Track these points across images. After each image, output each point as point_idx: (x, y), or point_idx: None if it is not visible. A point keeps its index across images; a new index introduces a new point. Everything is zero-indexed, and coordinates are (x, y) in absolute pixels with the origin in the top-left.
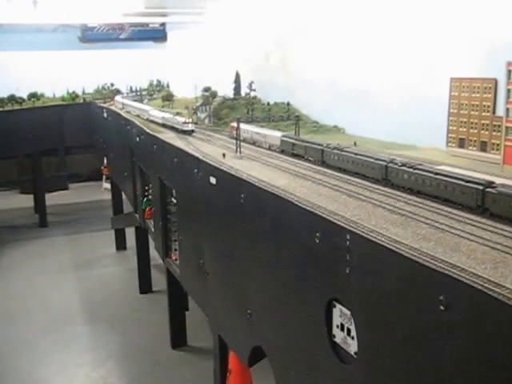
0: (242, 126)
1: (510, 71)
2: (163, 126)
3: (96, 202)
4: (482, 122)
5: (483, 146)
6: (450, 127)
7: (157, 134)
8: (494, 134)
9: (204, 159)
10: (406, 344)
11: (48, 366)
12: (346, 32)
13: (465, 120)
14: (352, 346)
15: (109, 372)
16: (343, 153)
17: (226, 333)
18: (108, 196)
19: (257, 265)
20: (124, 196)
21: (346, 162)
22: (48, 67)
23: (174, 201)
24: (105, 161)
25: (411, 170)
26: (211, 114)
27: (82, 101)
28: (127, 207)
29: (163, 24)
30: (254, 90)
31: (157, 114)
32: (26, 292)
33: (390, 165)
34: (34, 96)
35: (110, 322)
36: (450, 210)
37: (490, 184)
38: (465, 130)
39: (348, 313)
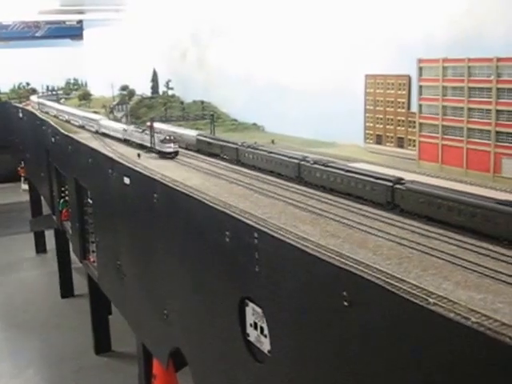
0: (158, 125)
1: (420, 68)
2: (125, 142)
3: (14, 204)
4: (398, 118)
5: (400, 142)
6: (367, 124)
7: (71, 135)
8: (410, 129)
9: (118, 159)
10: (314, 340)
11: None
12: (264, 29)
13: (381, 116)
14: (265, 345)
15: (28, 381)
16: (257, 151)
17: (144, 335)
18: (27, 197)
19: (171, 265)
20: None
21: (261, 161)
22: None
23: (91, 202)
24: (22, 162)
25: (323, 167)
26: (128, 113)
27: None
28: (47, 209)
29: (80, 21)
30: (172, 89)
31: (114, 125)
32: None
33: (303, 163)
34: None
35: (30, 328)
36: (360, 206)
37: (399, 180)
38: (381, 126)
39: (260, 311)
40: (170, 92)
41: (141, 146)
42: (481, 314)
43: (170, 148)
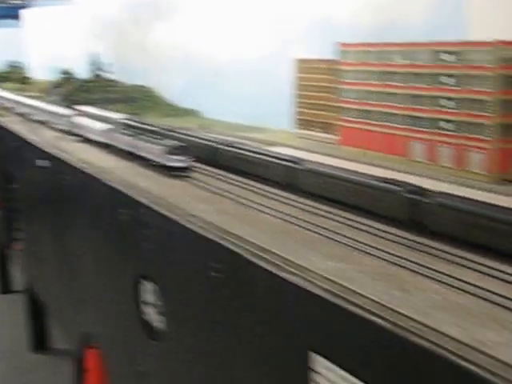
0: (87, 108)
1: (342, 52)
2: (106, 147)
3: None
4: (325, 103)
5: (326, 128)
6: (297, 109)
7: None
8: (336, 115)
9: (33, 143)
10: (198, 313)
11: None
12: (202, 12)
13: (310, 101)
14: (160, 323)
15: None
16: (180, 135)
17: (60, 321)
18: None
19: (80, 247)
20: None
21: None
22: None
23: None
24: None
25: (236, 150)
26: (64, 97)
27: None
28: None
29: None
30: (112, 72)
31: (92, 124)
32: None
33: (220, 146)
34: None
35: None
36: (266, 188)
37: (300, 161)
38: (310, 111)
39: (154, 289)
40: (112, 76)
41: (130, 156)
42: (333, 282)
43: (178, 162)
